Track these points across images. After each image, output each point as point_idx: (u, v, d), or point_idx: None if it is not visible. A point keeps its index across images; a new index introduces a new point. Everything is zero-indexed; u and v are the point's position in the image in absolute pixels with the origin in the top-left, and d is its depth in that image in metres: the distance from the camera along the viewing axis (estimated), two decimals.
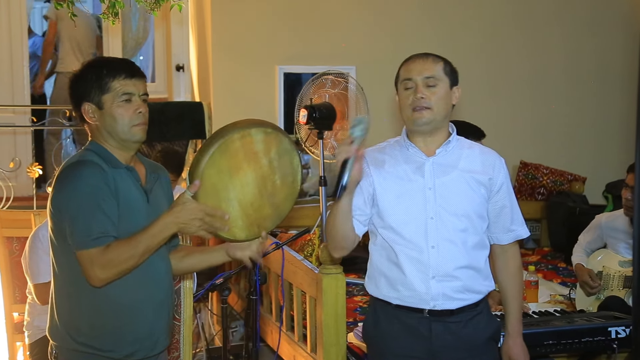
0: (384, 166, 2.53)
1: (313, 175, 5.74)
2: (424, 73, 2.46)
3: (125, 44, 6.87)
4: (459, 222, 2.47)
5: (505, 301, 2.66)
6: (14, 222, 3.89)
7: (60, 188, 2.29)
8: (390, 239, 2.50)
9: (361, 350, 3.50)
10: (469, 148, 2.56)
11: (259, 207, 2.37)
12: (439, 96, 2.46)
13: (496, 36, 5.93)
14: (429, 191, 2.47)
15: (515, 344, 2.63)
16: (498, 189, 2.53)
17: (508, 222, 2.58)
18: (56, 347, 2.38)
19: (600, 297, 3.93)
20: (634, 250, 2.15)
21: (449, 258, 2.46)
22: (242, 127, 2.32)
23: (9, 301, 3.84)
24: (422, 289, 2.46)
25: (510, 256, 2.64)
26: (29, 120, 5.72)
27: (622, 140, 6.07)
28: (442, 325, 2.48)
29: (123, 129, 2.34)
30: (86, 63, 2.43)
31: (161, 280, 2.43)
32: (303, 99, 4.60)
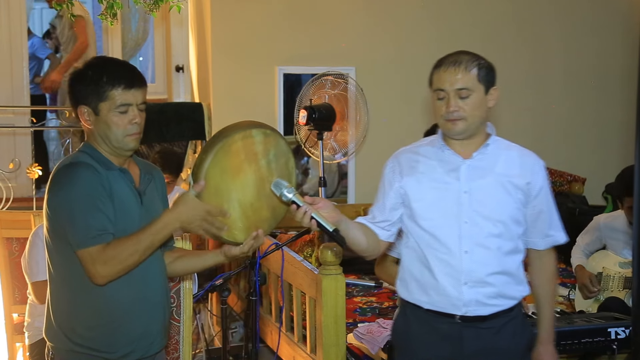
0: (418, 168, 2.47)
1: (313, 176, 5.75)
2: (455, 84, 2.36)
3: (124, 45, 6.87)
4: (494, 227, 2.40)
5: (538, 307, 2.59)
6: (14, 223, 3.89)
7: (56, 189, 2.28)
8: (422, 242, 2.45)
9: (361, 351, 3.50)
10: (506, 149, 2.48)
11: (257, 208, 2.37)
12: (473, 106, 2.38)
13: (496, 36, 5.93)
14: (464, 195, 2.40)
15: (545, 351, 2.56)
16: (537, 194, 2.44)
17: (546, 227, 2.50)
18: (53, 348, 2.38)
19: (600, 298, 3.93)
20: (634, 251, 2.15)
21: (482, 264, 2.39)
22: (243, 128, 2.33)
23: (9, 302, 3.84)
24: (454, 294, 2.40)
25: (546, 262, 2.56)
26: (29, 121, 5.72)
27: (622, 141, 6.07)
28: (473, 331, 2.42)
29: (116, 138, 2.33)
30: (88, 63, 2.40)
31: (156, 280, 2.43)
32: (303, 100, 4.60)
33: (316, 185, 4.64)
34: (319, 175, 4.48)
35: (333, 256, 3.31)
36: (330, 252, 3.30)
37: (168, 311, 2.54)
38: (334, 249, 3.31)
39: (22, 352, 3.87)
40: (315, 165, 5.41)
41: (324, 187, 4.47)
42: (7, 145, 6.13)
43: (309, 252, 4.31)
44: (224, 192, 2.30)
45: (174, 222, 2.25)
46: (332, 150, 4.71)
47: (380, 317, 3.88)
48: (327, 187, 4.67)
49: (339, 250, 3.32)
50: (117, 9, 3.54)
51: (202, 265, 2.61)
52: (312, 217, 2.29)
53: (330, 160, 4.83)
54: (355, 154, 5.44)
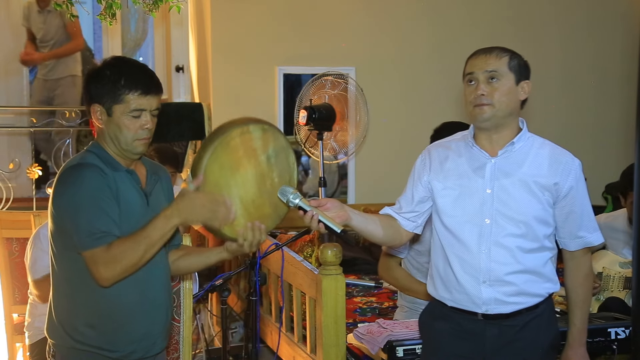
0: (446, 164, 2.47)
1: (313, 176, 5.75)
2: (485, 68, 2.38)
3: (124, 45, 6.87)
4: (516, 227, 2.38)
5: (570, 309, 2.56)
6: (14, 223, 3.89)
7: (62, 189, 2.29)
8: (444, 239, 2.46)
9: (361, 351, 3.49)
10: (538, 148, 2.45)
11: (259, 205, 2.37)
12: (502, 92, 2.37)
13: (495, 37, 5.90)
14: (487, 193, 2.40)
15: (575, 355, 2.54)
16: (565, 194, 2.42)
17: (575, 228, 2.47)
18: (54, 345, 2.38)
19: (600, 298, 3.93)
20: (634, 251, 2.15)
21: (501, 263, 2.38)
22: (240, 124, 2.33)
23: (9, 302, 3.84)
24: (473, 292, 2.40)
25: (578, 263, 2.53)
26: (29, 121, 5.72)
27: (621, 141, 6.07)
28: (496, 328, 2.41)
29: (126, 141, 2.34)
30: (106, 62, 2.38)
31: (159, 282, 2.43)
32: (303, 100, 4.60)
33: (316, 185, 4.64)
34: (319, 176, 4.47)
35: (333, 256, 3.31)
36: (330, 252, 3.30)
37: (170, 312, 2.54)
38: (333, 249, 3.31)
39: (22, 352, 3.87)
40: (315, 165, 5.40)
41: (324, 187, 4.46)
42: (7, 146, 6.13)
43: (309, 252, 4.31)
44: (224, 187, 2.29)
45: (174, 216, 2.23)
46: (332, 150, 4.71)
47: (380, 317, 3.88)
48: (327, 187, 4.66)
49: (339, 250, 3.32)
50: (116, 9, 3.53)
51: (205, 263, 2.60)
52: (320, 220, 2.30)
53: (330, 161, 4.82)
54: (355, 154, 5.44)
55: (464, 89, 2.45)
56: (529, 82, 2.47)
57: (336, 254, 3.31)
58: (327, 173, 4.94)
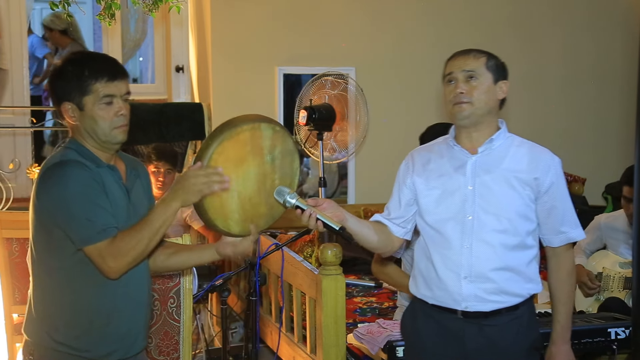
0: (429, 165, 2.53)
1: (313, 176, 5.75)
2: (463, 67, 2.45)
3: (123, 45, 6.86)
4: (498, 222, 2.42)
5: (554, 306, 2.58)
6: (14, 223, 3.88)
7: (48, 188, 2.25)
8: (428, 237, 2.51)
9: (361, 351, 3.50)
10: (517, 146, 2.51)
11: (256, 203, 2.36)
12: (480, 90, 2.43)
13: (495, 37, 5.93)
14: (468, 190, 2.44)
15: (558, 352, 2.54)
16: (546, 190, 2.45)
17: (558, 223, 2.49)
18: (32, 344, 2.35)
19: (600, 298, 3.93)
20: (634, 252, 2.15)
21: (482, 259, 2.41)
22: (253, 120, 2.33)
23: (9, 302, 3.83)
24: (453, 288, 2.43)
25: (561, 260, 2.55)
26: (29, 121, 5.71)
27: (621, 141, 6.07)
28: (476, 327, 2.44)
29: (104, 131, 2.31)
30: (67, 59, 2.36)
31: (141, 279, 2.41)
32: (303, 100, 4.61)
33: (316, 185, 4.64)
34: (319, 176, 4.48)
35: (333, 256, 3.31)
36: (330, 252, 3.30)
37: (150, 310, 2.53)
38: (333, 250, 3.31)
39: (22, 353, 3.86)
40: (315, 165, 5.41)
41: (324, 187, 4.47)
42: (7, 146, 6.12)
43: (309, 253, 4.32)
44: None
45: (172, 199, 2.22)
46: (332, 151, 4.71)
47: (380, 317, 3.88)
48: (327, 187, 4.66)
49: (339, 251, 3.33)
50: (115, 10, 3.53)
51: (198, 261, 2.60)
52: (318, 218, 2.32)
53: (330, 161, 4.82)
54: (355, 154, 5.44)
55: (443, 90, 2.52)
56: (506, 82, 2.52)
57: (336, 254, 3.31)
58: (327, 173, 4.94)
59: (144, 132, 5.07)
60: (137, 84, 7.94)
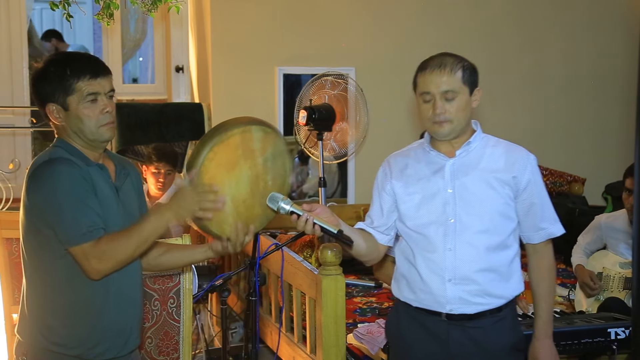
0: (406, 171, 2.52)
1: (313, 176, 5.74)
2: (441, 87, 2.40)
3: (123, 45, 6.86)
4: (480, 223, 2.43)
5: (535, 301, 2.61)
6: (14, 224, 3.85)
7: (38, 186, 2.25)
8: (411, 241, 2.50)
9: (360, 351, 3.50)
10: (493, 146, 2.51)
11: (250, 205, 2.36)
12: (459, 108, 2.41)
13: (495, 37, 5.93)
14: (448, 193, 2.45)
15: (542, 346, 2.56)
16: (524, 187, 2.46)
17: (537, 220, 2.51)
18: (25, 344, 2.35)
19: (600, 298, 3.93)
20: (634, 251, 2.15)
21: (466, 261, 2.42)
22: (244, 123, 2.32)
23: (9, 302, 3.84)
24: (437, 291, 2.44)
25: (541, 256, 2.57)
26: (29, 121, 5.71)
27: (621, 141, 6.07)
28: (460, 329, 2.44)
29: (90, 130, 2.31)
30: (48, 60, 2.35)
31: (132, 277, 2.41)
32: (303, 100, 4.60)
33: (316, 185, 4.64)
34: (319, 176, 4.47)
35: (333, 256, 3.31)
36: (330, 252, 3.30)
37: (142, 308, 2.53)
38: (333, 250, 3.31)
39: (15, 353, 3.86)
40: (315, 165, 5.40)
41: (324, 187, 4.46)
42: (7, 146, 6.12)
43: (309, 253, 4.31)
44: (218, 184, 2.28)
45: (165, 211, 2.23)
46: (332, 151, 4.71)
47: (380, 317, 3.88)
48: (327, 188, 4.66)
49: (339, 251, 3.33)
50: (114, 10, 3.53)
51: (191, 259, 2.61)
52: (315, 223, 2.31)
53: (330, 161, 4.82)
54: (355, 154, 5.44)
55: (417, 104, 2.49)
56: (479, 89, 2.49)
57: (336, 254, 3.31)
58: (327, 173, 4.94)
59: (144, 132, 5.07)
60: (137, 84, 7.94)
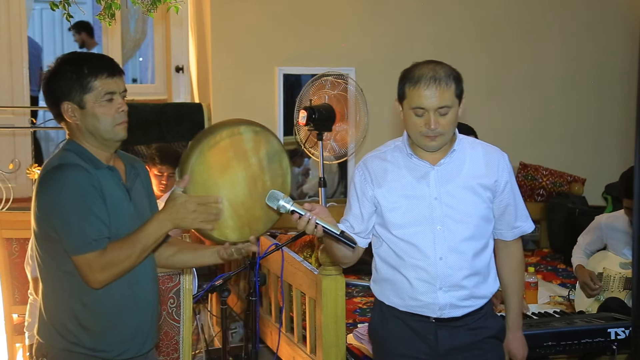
0: (387, 177, 2.48)
1: (313, 176, 5.74)
2: (437, 103, 2.36)
3: (123, 45, 6.87)
4: (466, 229, 2.43)
5: (506, 296, 2.63)
6: (14, 224, 3.88)
7: (46, 192, 2.25)
8: (397, 249, 2.47)
9: (360, 351, 3.49)
10: (471, 149, 2.50)
11: (250, 207, 2.35)
12: (451, 121, 2.40)
13: (495, 37, 5.93)
14: (434, 201, 2.43)
15: (515, 338, 2.62)
16: (503, 189, 2.49)
17: (512, 219, 2.54)
18: (46, 346, 2.35)
19: (600, 299, 3.93)
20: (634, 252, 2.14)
21: (457, 268, 2.43)
22: (231, 125, 2.31)
23: (9, 302, 3.83)
24: (428, 299, 2.44)
25: (512, 252, 2.60)
26: (29, 121, 5.72)
27: (621, 141, 6.07)
28: (447, 330, 2.47)
29: (106, 128, 2.31)
30: (63, 59, 2.35)
31: (148, 278, 2.42)
32: (302, 100, 4.60)
33: (316, 185, 4.64)
34: (319, 176, 4.47)
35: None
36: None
37: (159, 308, 2.54)
38: None
39: (22, 353, 3.86)
40: (315, 165, 5.41)
41: (324, 187, 4.46)
42: (7, 146, 6.12)
43: (309, 253, 4.31)
44: (212, 188, 2.28)
45: (166, 221, 2.23)
46: (332, 151, 4.71)
47: None
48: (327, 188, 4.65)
49: None
50: (115, 10, 3.53)
51: (201, 262, 2.60)
52: (317, 223, 2.27)
53: (330, 161, 4.82)
54: (355, 154, 5.44)
55: (405, 115, 2.43)
56: (464, 98, 2.45)
57: None
58: (327, 173, 4.94)
59: (144, 133, 5.07)
60: (137, 84, 7.94)
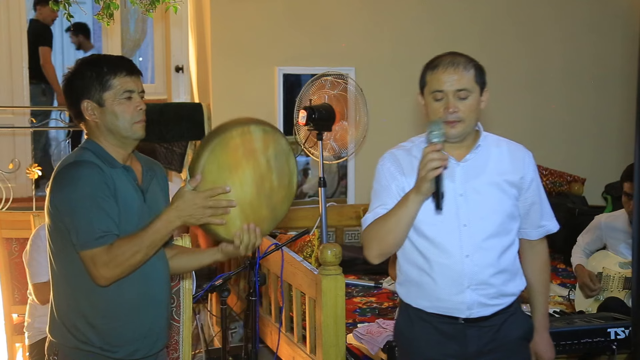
0: (414, 171, 2.40)
1: (312, 176, 5.74)
2: (455, 85, 2.34)
3: (123, 45, 6.87)
4: (492, 226, 2.39)
5: (532, 296, 2.60)
6: (13, 224, 3.89)
7: (59, 188, 2.28)
8: (422, 247, 2.42)
9: (360, 351, 3.50)
10: (496, 146, 2.46)
11: (257, 207, 2.35)
12: (471, 108, 2.36)
13: (495, 36, 5.93)
14: (460, 198, 2.39)
15: (541, 339, 2.59)
16: (528, 186, 2.45)
17: (538, 218, 2.52)
18: (57, 345, 2.36)
19: (600, 299, 3.93)
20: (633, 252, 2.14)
21: (484, 266, 2.38)
22: (242, 124, 2.32)
23: (9, 302, 3.84)
24: (457, 299, 2.39)
25: (538, 251, 2.58)
26: (28, 121, 5.71)
27: (621, 141, 6.07)
28: (476, 330, 2.42)
29: (125, 126, 2.34)
30: (83, 61, 2.41)
31: (159, 278, 2.43)
32: (302, 100, 4.60)
33: (316, 185, 4.64)
34: (319, 176, 4.47)
35: (333, 256, 3.31)
36: (330, 252, 3.30)
37: (169, 309, 2.55)
38: (333, 249, 3.31)
39: (22, 353, 3.86)
40: (315, 165, 5.40)
41: (324, 187, 4.46)
42: (7, 146, 6.13)
43: (309, 253, 4.31)
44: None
45: (175, 219, 2.23)
46: (331, 151, 4.71)
47: (379, 317, 3.88)
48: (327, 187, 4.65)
49: (339, 251, 3.33)
50: (114, 10, 3.53)
51: (199, 263, 2.61)
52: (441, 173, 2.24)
53: (330, 161, 4.82)
54: (355, 154, 5.44)
55: (426, 103, 2.41)
56: (487, 90, 2.44)
57: (336, 254, 3.31)
58: (327, 173, 4.94)
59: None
60: None
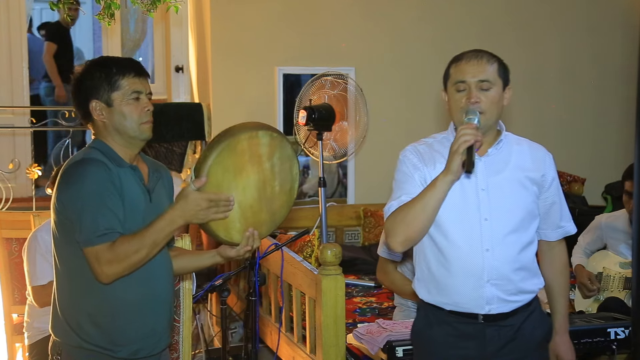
0: (436, 164, 2.40)
1: (312, 176, 5.74)
2: (478, 76, 2.35)
3: (123, 45, 6.87)
4: (513, 222, 2.39)
5: (552, 298, 2.60)
6: (13, 224, 3.89)
7: (66, 185, 2.29)
8: (441, 241, 2.40)
9: (360, 351, 3.49)
10: (517, 144, 2.48)
11: (257, 211, 2.36)
12: (493, 100, 2.36)
13: (494, 37, 5.92)
14: (482, 192, 2.38)
15: (562, 341, 2.58)
16: (549, 186, 2.46)
17: (557, 218, 2.52)
18: (60, 343, 2.37)
19: (600, 298, 3.93)
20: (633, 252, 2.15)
21: (504, 260, 2.37)
22: (250, 128, 2.32)
23: (8, 302, 3.84)
24: (476, 293, 2.37)
25: (557, 253, 2.58)
26: (28, 121, 5.72)
27: (621, 141, 6.07)
28: (496, 329, 2.40)
29: (132, 127, 2.37)
30: (92, 62, 2.44)
31: (163, 278, 2.44)
32: (302, 100, 4.60)
33: (316, 185, 4.64)
34: (319, 176, 4.47)
35: (333, 256, 3.31)
36: (330, 252, 3.30)
37: (172, 308, 2.56)
38: (333, 249, 3.31)
39: (21, 353, 3.86)
40: (315, 165, 5.41)
41: (324, 187, 4.46)
42: (7, 146, 6.13)
43: (309, 253, 4.31)
44: (225, 190, 2.28)
45: (177, 218, 2.24)
46: (331, 151, 4.71)
47: (379, 317, 3.88)
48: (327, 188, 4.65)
49: (339, 251, 3.32)
50: (115, 9, 3.53)
51: (198, 265, 2.63)
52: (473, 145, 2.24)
53: (330, 161, 4.82)
54: (355, 154, 5.44)
55: (449, 97, 2.43)
56: (510, 88, 2.46)
57: (336, 254, 3.31)
58: (327, 173, 4.93)
59: None
60: None
